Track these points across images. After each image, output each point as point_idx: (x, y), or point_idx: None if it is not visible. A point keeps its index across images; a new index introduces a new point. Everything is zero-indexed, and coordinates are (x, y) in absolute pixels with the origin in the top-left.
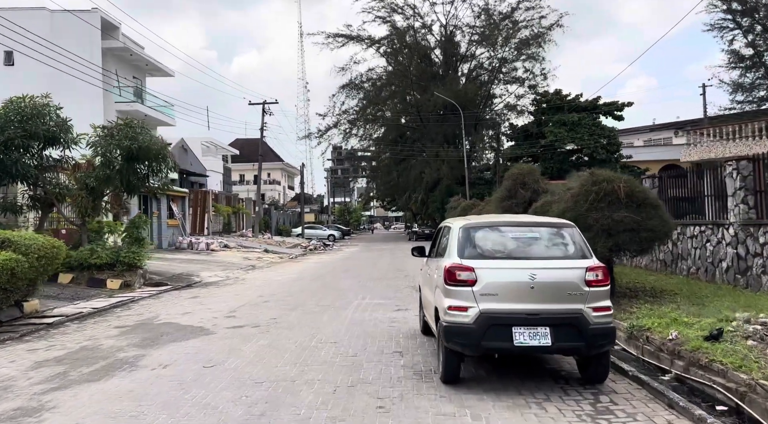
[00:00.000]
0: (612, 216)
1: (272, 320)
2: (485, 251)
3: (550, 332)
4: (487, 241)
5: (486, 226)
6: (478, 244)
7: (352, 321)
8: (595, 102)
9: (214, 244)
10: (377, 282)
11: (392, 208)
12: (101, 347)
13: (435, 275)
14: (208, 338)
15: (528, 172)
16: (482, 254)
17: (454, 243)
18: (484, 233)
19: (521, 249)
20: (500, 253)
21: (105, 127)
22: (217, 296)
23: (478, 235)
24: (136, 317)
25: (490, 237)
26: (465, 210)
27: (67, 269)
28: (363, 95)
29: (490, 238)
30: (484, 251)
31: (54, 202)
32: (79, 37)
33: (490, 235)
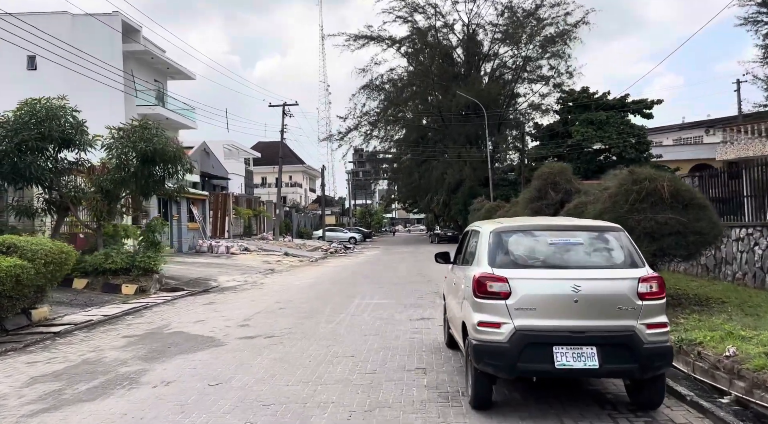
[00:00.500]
0: (655, 218)
1: (287, 329)
2: (520, 258)
3: (597, 352)
4: (521, 247)
5: (520, 230)
6: (512, 250)
7: (371, 331)
8: (623, 100)
9: (234, 247)
10: (398, 287)
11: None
12: (104, 359)
13: (462, 285)
14: (218, 351)
15: (559, 171)
16: (516, 262)
17: (484, 250)
18: (518, 237)
19: (562, 257)
20: (537, 261)
21: (120, 128)
22: (233, 303)
23: (512, 240)
24: (147, 325)
25: (526, 243)
26: (489, 212)
27: (82, 274)
28: (384, 96)
29: (526, 243)
30: (518, 258)
31: (69, 206)
32: (100, 41)
33: (525, 240)
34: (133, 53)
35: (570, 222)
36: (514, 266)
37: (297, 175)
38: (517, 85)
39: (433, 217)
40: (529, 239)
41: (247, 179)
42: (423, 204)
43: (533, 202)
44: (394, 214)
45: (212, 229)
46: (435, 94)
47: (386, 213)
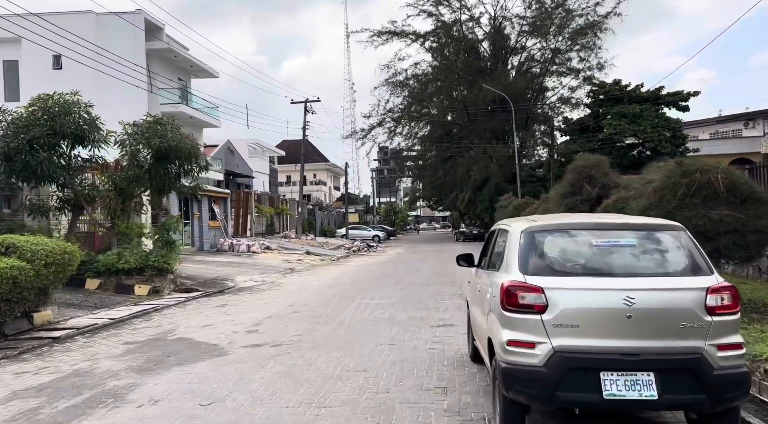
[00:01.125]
0: (709, 215)
1: (297, 336)
2: (558, 263)
3: (655, 379)
4: (560, 249)
5: (558, 229)
6: (548, 254)
7: (387, 340)
8: (657, 92)
9: (255, 246)
10: (419, 289)
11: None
12: (96, 371)
13: (488, 293)
14: (219, 362)
15: (595, 164)
16: (554, 268)
17: (515, 253)
18: (555, 238)
19: (610, 262)
20: (580, 267)
21: (134, 124)
22: (246, 305)
23: (548, 241)
24: (153, 329)
25: (565, 244)
26: (517, 209)
27: (95, 275)
28: (408, 93)
29: (565, 245)
30: (556, 263)
31: (83, 205)
32: (124, 40)
33: (564, 241)
34: (156, 51)
35: (617, 219)
36: (551, 273)
37: (321, 174)
38: (545, 78)
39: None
40: (569, 239)
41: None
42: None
43: (566, 197)
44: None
45: (234, 227)
46: (460, 90)
47: (411, 211)
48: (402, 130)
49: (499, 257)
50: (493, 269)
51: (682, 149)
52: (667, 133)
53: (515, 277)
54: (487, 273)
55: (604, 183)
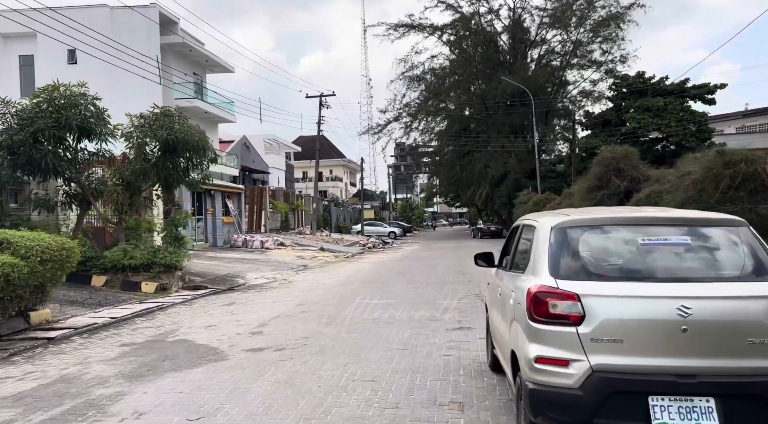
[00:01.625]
0: (756, 209)
1: (302, 339)
2: (597, 265)
3: (716, 406)
4: (598, 249)
5: (594, 224)
6: (584, 254)
7: (398, 345)
8: (682, 85)
9: (269, 242)
10: (435, 288)
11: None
12: (84, 377)
13: (511, 299)
14: (216, 368)
15: (623, 155)
16: (591, 270)
17: (544, 253)
18: (592, 235)
19: (659, 263)
20: (623, 270)
21: (141, 116)
22: (254, 303)
23: (584, 239)
24: (153, 330)
25: (604, 243)
26: (537, 205)
27: (101, 271)
28: (424, 87)
29: (604, 244)
30: (594, 265)
31: (90, 199)
32: (138, 34)
33: (603, 239)
34: (171, 46)
35: (666, 213)
36: (588, 277)
37: (337, 170)
38: (566, 71)
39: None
40: (609, 237)
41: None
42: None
43: (593, 191)
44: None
45: (248, 223)
46: (478, 84)
47: (428, 207)
48: (418, 125)
49: (525, 258)
50: (517, 271)
51: (708, 143)
52: (693, 127)
53: (545, 281)
54: (510, 275)
55: (633, 176)
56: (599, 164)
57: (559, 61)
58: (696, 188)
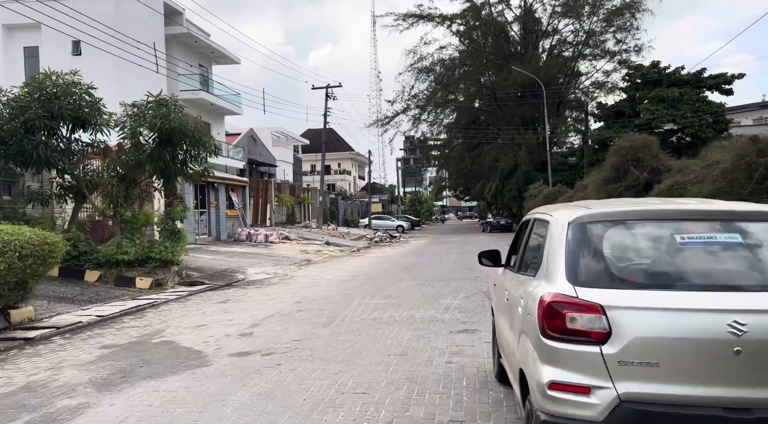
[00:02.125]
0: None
1: (294, 342)
2: (625, 270)
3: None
4: (627, 249)
5: (622, 218)
6: (609, 255)
7: (397, 349)
8: (698, 75)
9: (273, 235)
10: (441, 285)
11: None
12: (52, 384)
13: (519, 306)
14: (195, 375)
15: (642, 145)
16: (619, 276)
17: (559, 253)
18: (619, 233)
19: (703, 268)
20: (658, 275)
21: (134, 104)
22: (250, 301)
23: (609, 237)
24: (140, 330)
25: (634, 242)
26: (548, 198)
27: (95, 266)
28: (433, 78)
29: (634, 243)
30: (622, 269)
31: (85, 192)
32: (143, 24)
33: (631, 237)
34: (176, 37)
35: (709, 205)
36: (615, 284)
37: (346, 163)
38: (578, 62)
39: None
40: (640, 234)
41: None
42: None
43: (609, 183)
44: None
45: (253, 216)
46: (488, 75)
47: (437, 201)
48: (427, 117)
49: (536, 258)
50: (527, 273)
51: (725, 135)
52: (709, 118)
53: (561, 288)
54: (519, 278)
55: (653, 167)
56: (616, 154)
57: (571, 52)
58: (727, 179)
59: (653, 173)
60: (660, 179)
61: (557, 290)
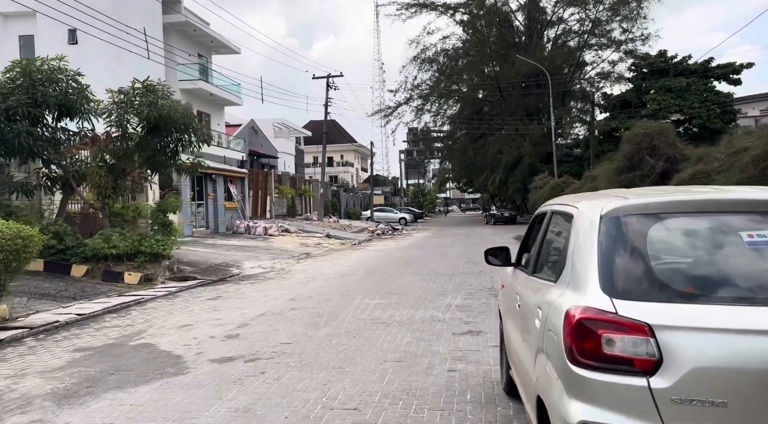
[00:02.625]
0: None
1: (283, 346)
2: (677, 278)
3: None
4: (678, 251)
5: (670, 210)
6: (656, 258)
7: (395, 354)
8: (706, 64)
9: (273, 228)
10: (443, 281)
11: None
12: (8, 396)
13: (536, 318)
14: (169, 385)
15: (658, 132)
16: (669, 285)
17: (589, 255)
18: (667, 229)
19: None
20: (725, 285)
21: (120, 91)
22: (242, 298)
23: (654, 234)
24: (120, 330)
25: (687, 241)
26: (554, 190)
27: (82, 260)
28: (436, 68)
29: (687, 243)
30: (673, 277)
31: (72, 182)
32: (140, 12)
33: (683, 235)
34: (174, 25)
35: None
36: (666, 297)
37: (348, 154)
38: (583, 52)
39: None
40: (696, 231)
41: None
42: (478, 183)
43: (622, 173)
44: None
45: (252, 209)
46: (492, 65)
47: (440, 193)
48: (430, 107)
49: (557, 259)
50: (546, 277)
51: (733, 126)
52: (717, 108)
53: (594, 301)
54: (535, 282)
55: (669, 155)
56: (630, 142)
57: (576, 42)
58: (759, 167)
59: (670, 162)
60: (677, 169)
61: (589, 302)
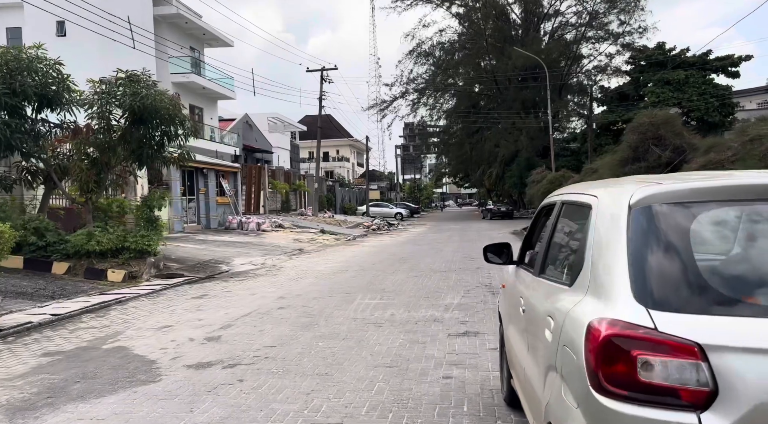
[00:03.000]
0: None
1: (267, 349)
2: (734, 285)
3: None
4: (731, 250)
5: (720, 198)
6: (705, 259)
7: (386, 359)
8: (704, 57)
9: (266, 224)
10: (439, 278)
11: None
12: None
13: (546, 329)
14: (137, 395)
15: (664, 121)
16: (722, 294)
17: (616, 254)
18: (716, 222)
19: None
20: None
21: (102, 81)
22: (228, 296)
23: (700, 228)
24: (95, 332)
25: (744, 238)
26: (552, 183)
27: (63, 257)
28: (432, 62)
29: (744, 240)
30: (729, 285)
31: (53, 176)
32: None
33: (737, 229)
34: (165, 17)
35: None
36: (719, 309)
37: (344, 149)
38: (580, 45)
39: (485, 191)
40: (755, 224)
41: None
42: (474, 178)
43: (627, 164)
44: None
45: (245, 204)
46: (488, 59)
47: (436, 188)
48: (426, 100)
49: (572, 258)
50: (556, 279)
51: (731, 119)
52: (716, 101)
53: (625, 313)
54: (543, 284)
55: (676, 145)
56: (634, 132)
57: (573, 34)
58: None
59: (677, 152)
60: (685, 159)
61: (618, 314)
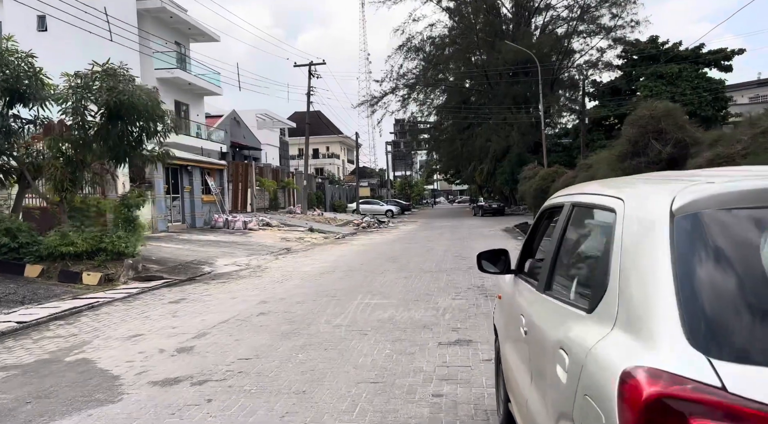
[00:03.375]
0: None
1: (241, 362)
2: None
3: None
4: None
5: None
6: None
7: (370, 373)
8: (697, 51)
9: (253, 222)
10: (429, 279)
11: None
12: None
13: (555, 364)
14: (91, 420)
15: (665, 113)
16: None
17: (658, 276)
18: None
19: None
20: None
21: (77, 75)
22: (207, 301)
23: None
24: (60, 342)
25: None
26: (545, 180)
27: (37, 259)
28: (422, 57)
29: None
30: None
31: (26, 175)
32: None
33: None
34: (150, 11)
35: None
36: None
37: (334, 146)
38: (572, 39)
39: (477, 188)
40: None
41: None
42: (465, 174)
43: (626, 159)
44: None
45: (232, 202)
46: (479, 54)
47: (427, 185)
48: (417, 96)
49: (590, 276)
50: (568, 300)
51: (724, 113)
52: (708, 95)
53: (677, 364)
54: (551, 304)
55: (678, 139)
56: (634, 125)
57: (564, 29)
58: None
59: (679, 147)
60: (689, 153)
61: (666, 364)
